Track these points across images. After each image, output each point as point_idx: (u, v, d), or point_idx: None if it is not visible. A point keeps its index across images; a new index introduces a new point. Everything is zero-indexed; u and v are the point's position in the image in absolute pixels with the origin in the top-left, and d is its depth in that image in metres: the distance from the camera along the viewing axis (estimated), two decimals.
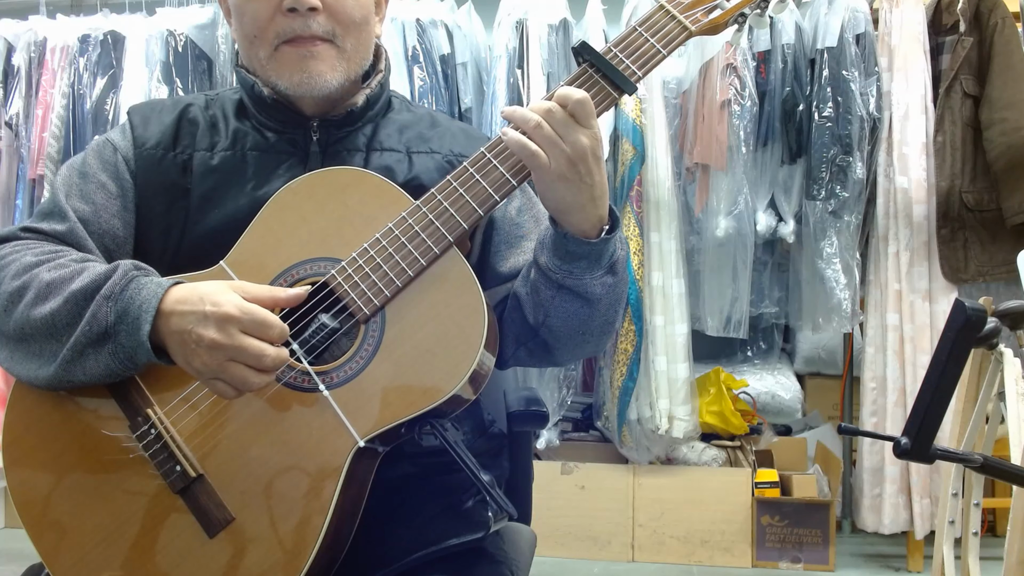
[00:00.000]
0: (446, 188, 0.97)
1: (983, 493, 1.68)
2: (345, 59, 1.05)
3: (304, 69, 1.03)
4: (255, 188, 1.06)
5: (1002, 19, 2.62)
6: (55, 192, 1.07)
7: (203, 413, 0.94)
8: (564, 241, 0.96)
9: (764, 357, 3.31)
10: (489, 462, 1.15)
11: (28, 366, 0.95)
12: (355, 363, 0.93)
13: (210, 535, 0.91)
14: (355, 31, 1.05)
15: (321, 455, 0.91)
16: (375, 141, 1.11)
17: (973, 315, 0.89)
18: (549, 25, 2.81)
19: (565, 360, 1.11)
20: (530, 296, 1.03)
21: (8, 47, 3.12)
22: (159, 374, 0.95)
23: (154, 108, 1.13)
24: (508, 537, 1.16)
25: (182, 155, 1.08)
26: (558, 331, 1.03)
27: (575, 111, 0.91)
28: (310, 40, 1.03)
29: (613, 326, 1.07)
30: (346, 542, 0.95)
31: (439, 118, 1.19)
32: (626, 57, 0.97)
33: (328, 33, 1.03)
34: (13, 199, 3.11)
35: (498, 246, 1.12)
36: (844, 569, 2.75)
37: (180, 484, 0.92)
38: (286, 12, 1.01)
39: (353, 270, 0.95)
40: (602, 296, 1.00)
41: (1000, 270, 2.63)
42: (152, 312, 0.89)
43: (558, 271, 0.98)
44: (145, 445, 0.93)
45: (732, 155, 2.69)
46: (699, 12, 1.00)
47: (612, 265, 1.00)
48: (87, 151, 1.11)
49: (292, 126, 1.09)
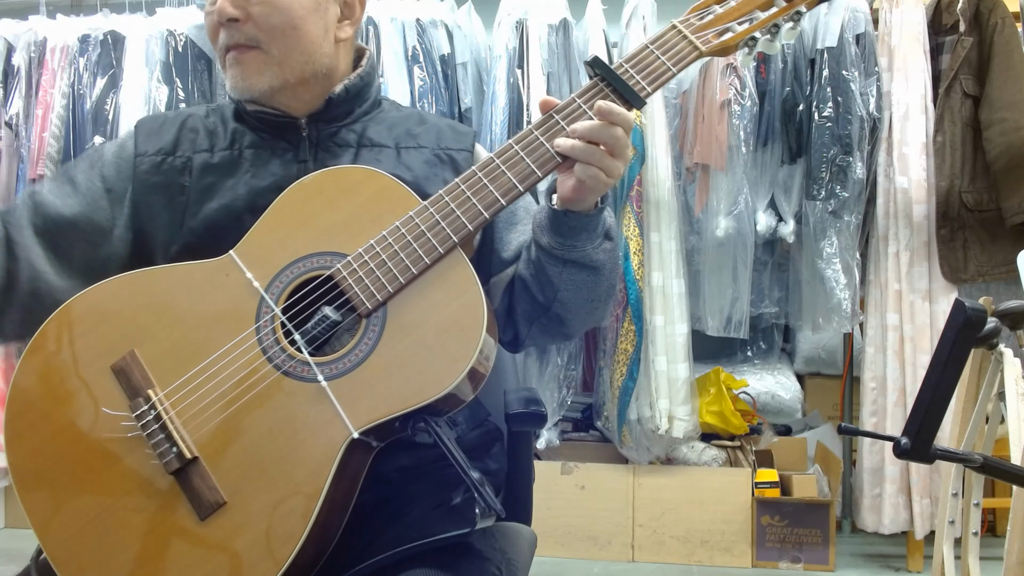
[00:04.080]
0: (454, 191, 1.00)
1: (983, 493, 1.68)
2: (275, 63, 1.10)
3: (235, 74, 1.11)
4: (252, 177, 1.11)
5: (1002, 19, 2.62)
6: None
7: (203, 396, 0.95)
8: (565, 218, 1.03)
9: (764, 357, 3.31)
10: (482, 455, 1.17)
11: None
12: (354, 356, 0.95)
13: (201, 518, 0.92)
14: (280, 36, 1.10)
15: (315, 445, 0.92)
16: (365, 138, 1.16)
17: (973, 315, 0.89)
18: (549, 25, 2.81)
19: (576, 330, 1.16)
20: (535, 277, 1.09)
21: (8, 47, 3.11)
22: (162, 355, 0.97)
23: (157, 121, 1.20)
24: (507, 536, 1.17)
25: (181, 158, 1.14)
26: (569, 302, 1.09)
27: (627, 131, 0.99)
28: (237, 48, 1.10)
29: (616, 288, 1.15)
30: (336, 533, 0.96)
31: (426, 116, 1.25)
32: (637, 73, 1.02)
33: (252, 40, 1.09)
34: (13, 199, 3.10)
35: (499, 233, 1.17)
36: (844, 569, 2.75)
37: (175, 465, 0.93)
38: (220, 24, 1.10)
39: (358, 265, 0.97)
40: (605, 261, 1.08)
41: (1000, 270, 2.63)
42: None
43: (561, 247, 1.04)
44: (143, 425, 0.94)
45: (732, 155, 2.69)
46: (710, 34, 1.04)
47: (607, 231, 1.07)
48: (81, 158, 1.19)
49: (283, 126, 1.15)
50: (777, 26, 1.06)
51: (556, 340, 1.19)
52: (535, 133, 1.01)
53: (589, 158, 0.98)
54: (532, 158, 1.00)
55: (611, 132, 0.97)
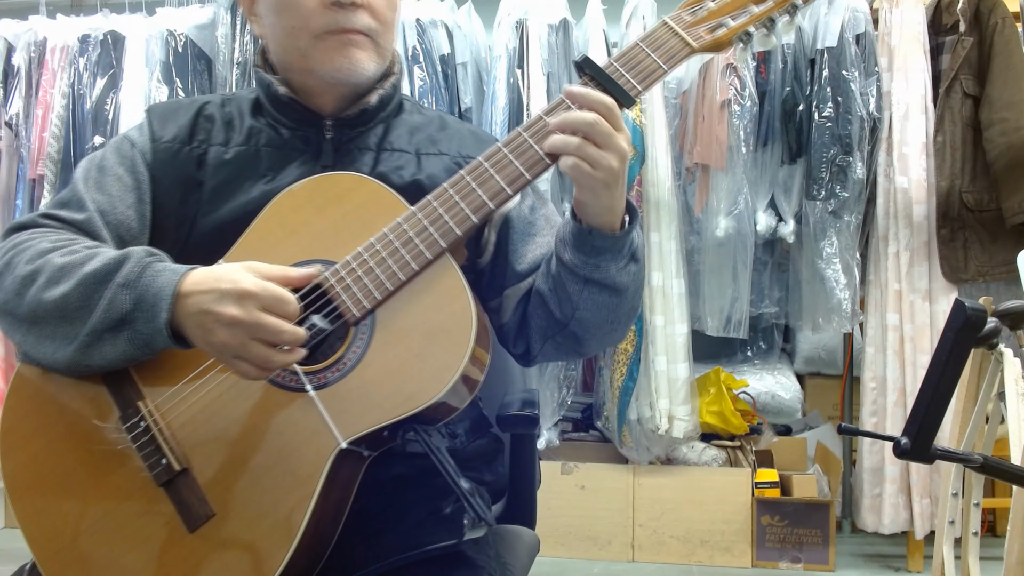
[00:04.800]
0: (442, 195, 0.98)
1: (983, 493, 1.68)
2: (379, 55, 1.10)
3: (347, 55, 1.07)
4: (268, 182, 1.08)
5: (1002, 19, 2.62)
6: (75, 182, 1.10)
7: (192, 408, 0.95)
8: (589, 237, 0.99)
9: (764, 357, 3.31)
10: (484, 466, 1.15)
11: (44, 349, 0.96)
12: (342, 365, 0.94)
13: (190, 529, 0.91)
14: (388, 30, 1.10)
15: (304, 455, 0.91)
16: (386, 141, 1.14)
17: (973, 315, 0.89)
18: (549, 25, 2.81)
19: (593, 349, 1.12)
20: (554, 292, 1.05)
21: (8, 47, 3.12)
22: (153, 368, 0.96)
23: (171, 107, 1.16)
24: (506, 540, 1.16)
25: (197, 149, 1.11)
26: (588, 323, 1.05)
27: (610, 118, 0.94)
28: (352, 32, 1.07)
29: (638, 311, 1.10)
30: (328, 544, 0.95)
31: (449, 120, 1.22)
32: (627, 72, 0.99)
33: (368, 28, 1.07)
34: (13, 199, 3.11)
35: (514, 244, 1.14)
36: (844, 569, 2.75)
37: (164, 477, 0.92)
38: (331, 6, 1.05)
39: (346, 272, 0.96)
40: (628, 284, 1.03)
41: (1000, 270, 2.63)
42: (169, 299, 0.91)
43: (584, 266, 1.00)
44: (133, 437, 0.94)
45: (732, 155, 2.69)
46: (703, 29, 1.01)
47: (633, 253, 1.02)
48: (107, 147, 1.14)
49: (306, 124, 1.12)
50: (772, 20, 1.02)
51: (570, 358, 1.15)
52: (523, 135, 0.98)
53: (565, 148, 0.94)
54: (521, 160, 0.97)
55: (583, 118, 0.93)
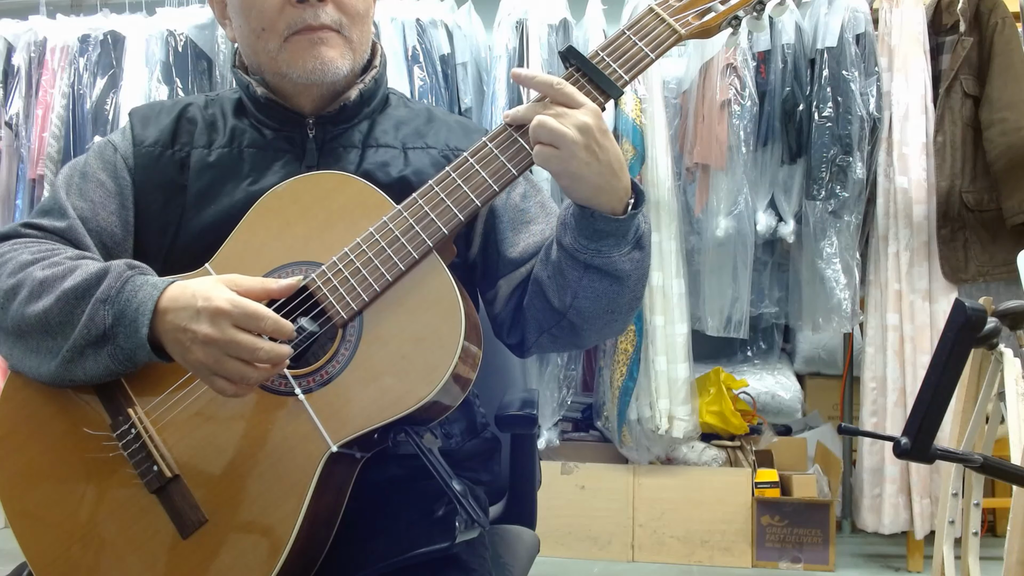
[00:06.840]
0: (428, 193, 0.96)
1: (983, 493, 1.68)
2: (351, 49, 1.07)
3: (316, 56, 1.04)
4: (251, 183, 1.06)
5: (1002, 19, 2.62)
6: (56, 189, 1.08)
7: (183, 414, 0.94)
8: (591, 220, 0.95)
9: (764, 357, 3.31)
10: (480, 466, 1.14)
11: (29, 363, 0.96)
12: (331, 367, 0.93)
13: (183, 536, 0.91)
14: (359, 23, 1.07)
15: (295, 460, 0.90)
16: (371, 137, 1.12)
17: (973, 315, 0.89)
18: (549, 25, 2.81)
19: (591, 341, 1.09)
20: (553, 279, 1.02)
21: (8, 47, 3.12)
22: (143, 374, 0.96)
23: (154, 109, 1.14)
24: (504, 541, 1.16)
25: (180, 152, 1.09)
26: (587, 312, 1.02)
27: (557, 97, 0.93)
28: (320, 29, 1.04)
29: (640, 301, 1.06)
30: (322, 547, 0.94)
31: (436, 112, 1.19)
32: (613, 61, 0.97)
33: (336, 23, 1.05)
34: (13, 199, 3.11)
35: (503, 233, 1.12)
36: (844, 569, 2.75)
37: (156, 484, 0.92)
38: (295, 3, 1.03)
39: (332, 274, 0.95)
40: (631, 272, 0.99)
41: (1000, 270, 2.62)
42: (149, 314, 0.90)
43: (585, 251, 0.97)
44: (124, 444, 0.94)
45: (732, 155, 2.69)
46: (690, 15, 0.98)
47: (639, 239, 0.98)
48: (89, 152, 1.12)
49: (289, 124, 1.10)
50: (762, 3, 0.99)
51: (566, 350, 1.13)
52: (509, 129, 0.97)
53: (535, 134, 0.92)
54: (507, 155, 0.96)
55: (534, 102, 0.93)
